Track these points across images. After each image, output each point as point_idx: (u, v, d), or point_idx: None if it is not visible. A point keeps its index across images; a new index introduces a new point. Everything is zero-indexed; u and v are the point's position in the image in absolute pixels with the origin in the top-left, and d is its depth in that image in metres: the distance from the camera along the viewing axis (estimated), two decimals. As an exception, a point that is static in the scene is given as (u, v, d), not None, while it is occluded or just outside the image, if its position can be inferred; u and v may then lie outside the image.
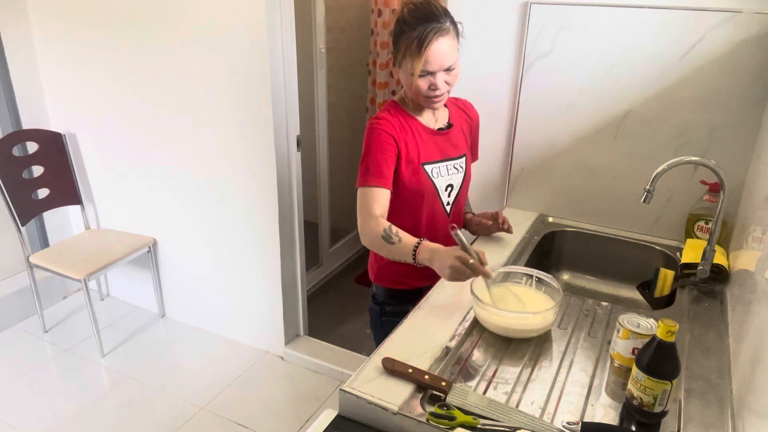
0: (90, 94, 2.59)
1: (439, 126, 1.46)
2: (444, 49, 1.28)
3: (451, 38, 1.30)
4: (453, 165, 1.47)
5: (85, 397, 2.33)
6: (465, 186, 1.52)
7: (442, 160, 1.44)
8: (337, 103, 3.28)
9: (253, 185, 2.34)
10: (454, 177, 1.47)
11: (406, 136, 1.38)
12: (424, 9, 1.28)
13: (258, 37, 2.08)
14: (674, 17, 1.56)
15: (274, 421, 2.22)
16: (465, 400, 0.99)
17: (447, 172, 1.46)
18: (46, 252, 2.60)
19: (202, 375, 2.47)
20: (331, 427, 1.00)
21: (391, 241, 1.30)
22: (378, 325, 1.60)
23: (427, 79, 1.31)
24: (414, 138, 1.40)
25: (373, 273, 1.57)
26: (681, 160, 1.32)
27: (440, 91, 1.33)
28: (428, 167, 1.41)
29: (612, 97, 1.70)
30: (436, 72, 1.30)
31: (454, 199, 1.49)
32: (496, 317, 1.21)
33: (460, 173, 1.49)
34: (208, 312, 2.74)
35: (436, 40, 1.26)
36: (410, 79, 1.31)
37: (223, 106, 2.28)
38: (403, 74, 1.34)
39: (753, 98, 1.53)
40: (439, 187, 1.44)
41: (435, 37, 1.26)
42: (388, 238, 1.31)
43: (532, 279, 1.35)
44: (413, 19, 1.28)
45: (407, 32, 1.28)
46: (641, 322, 1.11)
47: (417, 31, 1.26)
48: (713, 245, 1.39)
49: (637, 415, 0.98)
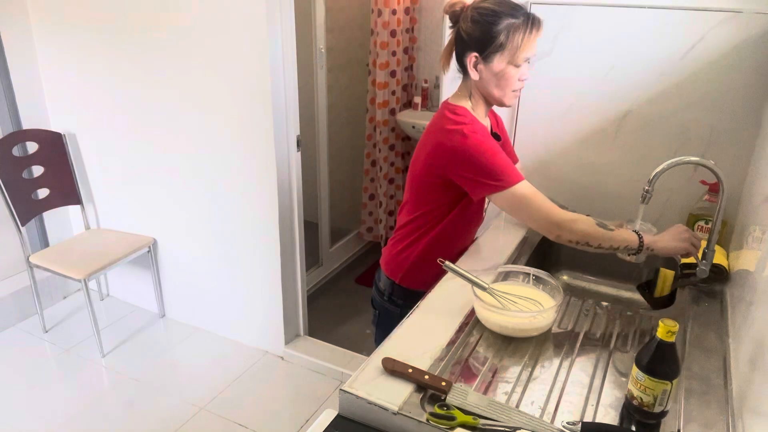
0: (90, 95, 2.59)
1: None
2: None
3: None
4: None
5: (85, 397, 2.33)
6: None
7: None
8: (337, 103, 3.27)
9: (253, 185, 2.34)
10: None
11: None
12: (507, 1, 1.28)
13: (258, 37, 2.08)
14: (674, 17, 1.56)
15: (274, 421, 2.22)
16: (465, 400, 0.99)
17: None
18: (46, 252, 2.61)
19: (202, 375, 2.47)
20: (331, 427, 1.00)
21: (607, 227, 1.30)
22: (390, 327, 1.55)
23: (519, 70, 1.30)
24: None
25: (399, 272, 1.51)
26: (681, 160, 1.32)
27: (526, 82, 1.33)
28: None
29: (612, 97, 1.70)
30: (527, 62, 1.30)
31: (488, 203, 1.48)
32: (499, 316, 1.21)
33: None
34: (208, 312, 2.74)
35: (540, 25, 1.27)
36: (507, 70, 1.29)
37: (223, 106, 2.28)
38: (493, 69, 1.30)
39: (753, 98, 1.53)
40: None
41: (538, 24, 1.27)
42: (604, 225, 1.30)
43: (529, 277, 1.35)
44: (506, 8, 1.26)
45: (506, 20, 1.25)
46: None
47: (519, 18, 1.25)
48: (713, 245, 1.39)
49: (637, 415, 0.98)
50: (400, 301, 1.53)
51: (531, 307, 1.25)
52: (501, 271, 1.41)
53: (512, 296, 1.26)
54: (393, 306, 1.55)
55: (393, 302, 1.55)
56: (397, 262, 1.52)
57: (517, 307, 1.24)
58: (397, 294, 1.54)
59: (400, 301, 1.53)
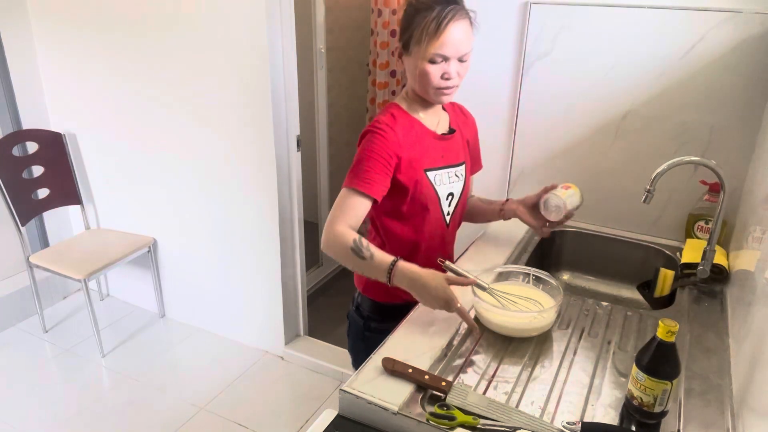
0: (90, 94, 2.59)
1: (441, 131, 1.38)
2: (462, 34, 1.20)
3: (469, 24, 1.22)
4: (454, 172, 1.39)
5: (85, 397, 2.32)
6: (464, 196, 1.44)
7: (443, 167, 1.36)
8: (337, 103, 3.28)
9: (253, 185, 2.34)
10: (455, 185, 1.39)
11: (410, 141, 1.29)
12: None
13: (258, 37, 2.08)
14: (674, 17, 1.56)
15: (274, 421, 2.22)
16: (465, 400, 0.99)
17: (448, 179, 1.38)
18: (46, 252, 2.60)
19: (202, 375, 2.47)
20: (331, 427, 1.00)
21: (361, 255, 1.19)
22: (359, 338, 1.50)
23: (440, 67, 1.21)
24: (418, 143, 1.31)
25: (361, 283, 1.46)
26: (681, 160, 1.32)
27: (453, 81, 1.24)
28: (430, 174, 1.33)
29: (612, 97, 1.70)
30: (450, 58, 1.21)
31: (453, 209, 1.41)
32: (499, 316, 1.21)
33: (460, 181, 1.41)
34: (208, 312, 2.74)
35: (456, 21, 1.18)
36: (422, 66, 1.21)
37: (223, 106, 2.28)
38: (413, 62, 1.24)
39: (753, 98, 1.53)
40: (441, 195, 1.36)
41: (455, 18, 1.18)
42: (358, 251, 1.19)
43: (529, 277, 1.35)
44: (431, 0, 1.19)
45: (422, 13, 1.19)
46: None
47: (435, 11, 1.17)
48: (713, 245, 1.39)
49: (637, 415, 0.98)
50: (366, 313, 1.46)
51: (531, 307, 1.25)
52: (501, 271, 1.40)
53: (512, 296, 1.26)
54: (359, 317, 1.48)
55: (360, 314, 1.48)
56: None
57: (517, 307, 1.24)
58: (363, 306, 1.47)
59: (366, 313, 1.46)
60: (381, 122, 1.28)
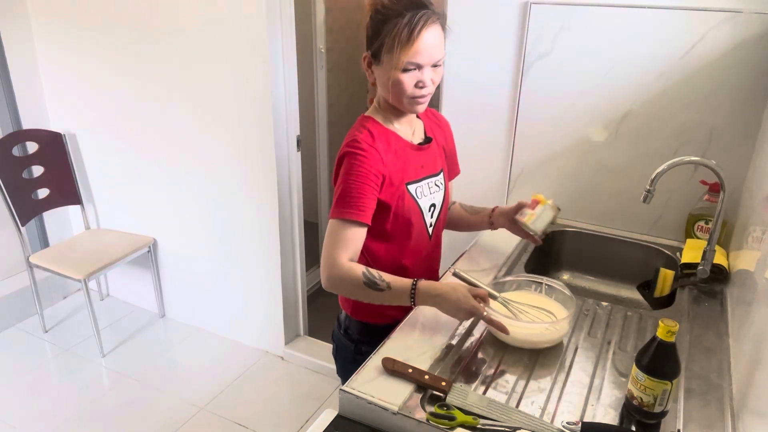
0: (90, 94, 2.59)
1: (417, 141, 1.32)
2: (435, 40, 1.15)
3: (441, 29, 1.17)
4: (434, 182, 1.34)
5: (85, 397, 2.32)
6: (445, 206, 1.40)
7: (423, 178, 1.31)
8: (337, 103, 3.27)
9: (253, 185, 2.34)
10: (435, 195, 1.34)
11: (390, 157, 1.24)
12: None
13: (258, 37, 2.08)
14: (674, 17, 1.56)
15: (274, 421, 2.22)
16: (465, 400, 0.99)
17: (429, 190, 1.32)
18: (46, 252, 2.61)
19: (202, 375, 2.47)
20: (331, 427, 1.00)
21: (377, 287, 1.16)
22: (350, 362, 1.38)
23: (413, 75, 1.16)
24: (397, 157, 1.25)
25: (348, 306, 1.40)
26: (681, 160, 1.32)
27: (427, 89, 1.18)
28: (411, 187, 1.28)
29: (612, 97, 1.70)
30: (424, 66, 1.15)
31: (435, 220, 1.36)
32: (511, 327, 1.15)
33: (441, 191, 1.36)
34: (208, 312, 2.74)
35: (429, 27, 1.13)
36: (394, 76, 1.16)
37: (223, 106, 2.28)
38: (384, 72, 1.18)
39: (753, 98, 1.53)
40: (423, 207, 1.31)
41: (428, 24, 1.12)
42: (373, 285, 1.16)
43: (541, 287, 1.31)
44: (399, 5, 1.13)
45: (393, 19, 1.13)
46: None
47: (406, 17, 1.11)
48: (713, 245, 1.39)
49: (637, 415, 0.98)
50: (355, 336, 1.40)
51: (544, 318, 1.21)
52: (512, 280, 1.34)
53: (524, 305, 1.21)
54: (348, 341, 1.41)
55: (348, 336, 1.41)
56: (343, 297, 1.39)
57: (530, 317, 1.19)
58: (352, 328, 1.40)
59: (355, 336, 1.40)
60: (360, 141, 1.22)
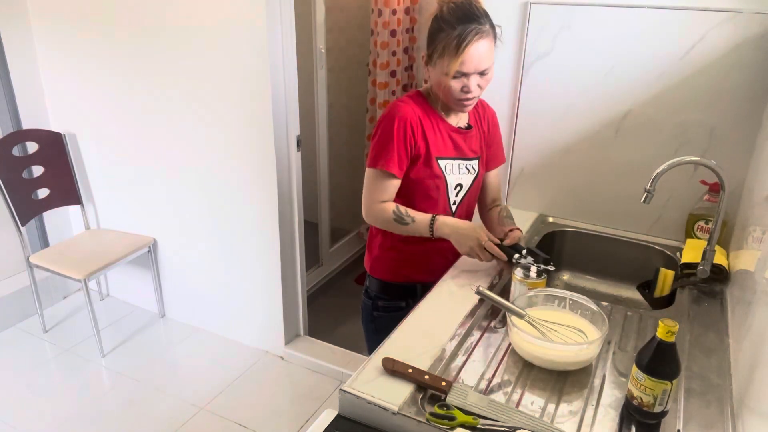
0: (90, 94, 2.59)
1: (459, 125, 1.45)
2: (482, 52, 1.27)
3: (490, 41, 1.28)
4: (465, 165, 1.46)
5: (85, 397, 2.32)
6: (474, 189, 1.51)
7: (455, 158, 1.44)
8: (337, 103, 3.27)
9: (253, 185, 2.34)
10: (464, 177, 1.46)
11: (425, 126, 1.38)
12: (464, 9, 1.27)
13: (258, 37, 2.08)
14: (674, 17, 1.56)
15: (274, 421, 2.22)
16: (465, 400, 0.99)
17: (458, 170, 1.45)
18: (46, 252, 2.60)
19: (202, 375, 2.47)
20: (331, 427, 1.00)
21: (404, 222, 1.37)
22: (369, 320, 1.60)
23: (460, 81, 1.30)
24: (432, 130, 1.39)
25: (368, 264, 1.58)
26: (681, 160, 1.32)
27: (472, 94, 1.32)
28: (442, 162, 1.41)
29: (612, 97, 1.70)
30: (470, 74, 1.29)
31: (461, 199, 1.48)
32: (541, 348, 1.10)
33: (471, 175, 1.48)
34: (208, 312, 2.74)
35: (476, 41, 1.25)
36: (443, 79, 1.30)
37: (223, 106, 2.28)
38: (436, 73, 1.32)
39: (753, 98, 1.53)
40: (449, 183, 1.44)
41: (475, 38, 1.25)
42: (401, 220, 1.37)
43: (566, 302, 1.24)
44: (453, 18, 1.26)
45: (446, 30, 1.26)
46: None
47: (457, 30, 1.25)
48: (713, 245, 1.39)
49: (637, 415, 0.98)
50: (373, 293, 1.57)
51: (575, 337, 1.14)
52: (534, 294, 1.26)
53: (551, 324, 1.16)
54: (367, 299, 1.59)
55: (368, 294, 1.59)
56: (369, 252, 1.58)
57: (561, 338, 1.13)
58: (371, 286, 1.58)
59: (373, 293, 1.57)
60: (404, 102, 1.38)
